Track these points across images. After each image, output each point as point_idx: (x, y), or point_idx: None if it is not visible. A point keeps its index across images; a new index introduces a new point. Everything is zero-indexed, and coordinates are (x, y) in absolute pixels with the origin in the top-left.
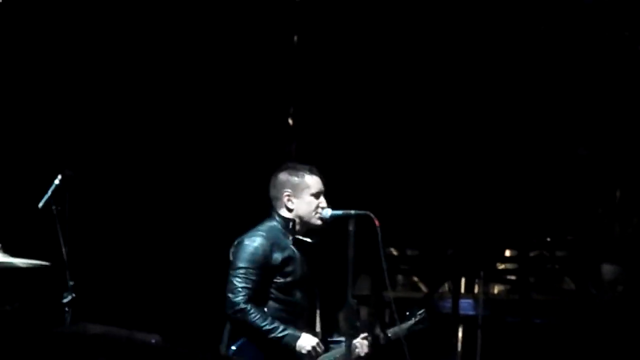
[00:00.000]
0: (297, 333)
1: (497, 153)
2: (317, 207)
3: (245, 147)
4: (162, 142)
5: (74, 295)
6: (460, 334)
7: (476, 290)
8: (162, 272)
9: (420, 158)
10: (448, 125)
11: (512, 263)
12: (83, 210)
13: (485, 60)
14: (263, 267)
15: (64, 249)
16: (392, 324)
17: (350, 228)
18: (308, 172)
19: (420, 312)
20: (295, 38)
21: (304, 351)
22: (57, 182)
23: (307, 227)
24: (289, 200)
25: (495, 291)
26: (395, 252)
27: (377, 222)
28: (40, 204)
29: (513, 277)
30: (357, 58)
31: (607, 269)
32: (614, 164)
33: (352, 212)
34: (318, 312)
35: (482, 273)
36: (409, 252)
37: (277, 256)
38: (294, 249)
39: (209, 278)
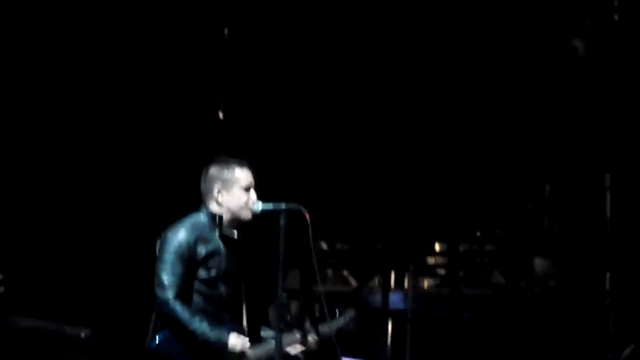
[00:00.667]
0: (224, 335)
1: (427, 147)
2: (247, 201)
3: (176, 141)
4: (93, 134)
5: (2, 289)
6: (390, 328)
7: (406, 284)
8: (92, 265)
9: (349, 152)
10: (377, 118)
11: (442, 257)
12: (11, 203)
13: (412, 51)
14: (187, 261)
15: None
16: (322, 318)
17: (281, 222)
18: (238, 166)
19: (350, 314)
20: (226, 31)
21: (233, 351)
22: None
23: (237, 221)
24: (219, 193)
25: (425, 285)
26: (325, 246)
27: (307, 216)
28: None
29: (443, 271)
30: (285, 51)
31: (539, 264)
32: (543, 158)
33: (283, 205)
34: (244, 306)
35: (411, 267)
36: (338, 246)
37: (201, 250)
38: (220, 242)
39: (139, 271)
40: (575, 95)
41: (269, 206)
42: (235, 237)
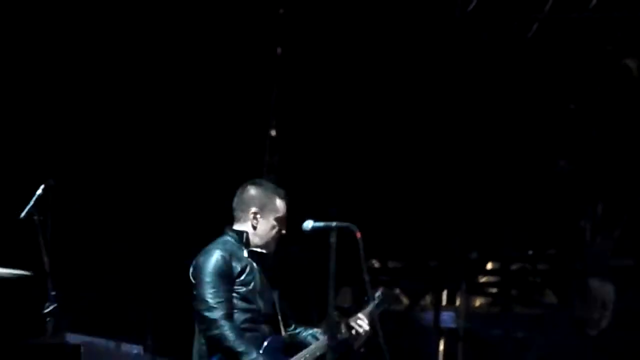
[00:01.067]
0: None
1: (480, 167)
2: (279, 232)
3: (227, 158)
4: (143, 152)
5: (55, 305)
6: (441, 347)
7: (458, 302)
8: (145, 282)
9: (403, 170)
10: (432, 138)
11: (494, 276)
12: (65, 220)
13: (467, 75)
14: (228, 278)
15: (45, 259)
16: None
17: (332, 240)
18: (279, 197)
19: (377, 294)
20: (279, 50)
21: None
22: (39, 192)
23: (261, 246)
24: (254, 218)
25: (477, 304)
26: (377, 264)
27: (358, 234)
28: (23, 214)
29: (495, 290)
30: (339, 70)
31: (605, 289)
32: (595, 176)
33: (334, 224)
34: (280, 317)
35: (463, 285)
36: (390, 264)
37: (236, 266)
38: (250, 259)
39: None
40: (628, 114)
41: (320, 224)
42: (264, 250)
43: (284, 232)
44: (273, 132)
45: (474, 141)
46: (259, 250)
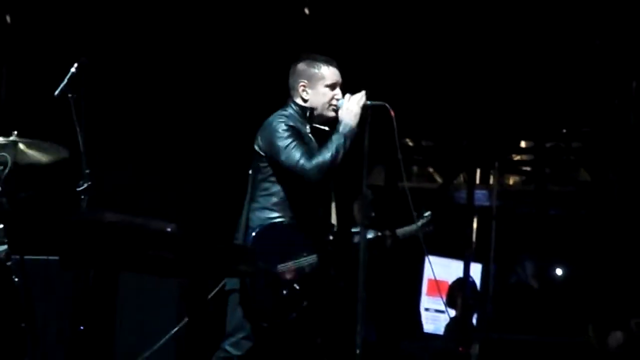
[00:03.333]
0: (346, 128)
1: (513, 43)
2: (332, 98)
3: (259, 41)
4: (176, 34)
5: (90, 183)
6: (475, 225)
7: (491, 181)
8: (178, 161)
9: (435, 49)
10: (463, 15)
11: (528, 154)
12: (99, 99)
13: None
14: (301, 134)
15: (80, 137)
16: (407, 217)
17: (366, 118)
18: (325, 63)
19: (426, 214)
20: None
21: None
22: (73, 70)
23: (321, 118)
24: (304, 90)
25: (511, 182)
26: (410, 143)
27: (392, 113)
28: (57, 92)
29: (528, 168)
30: None
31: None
32: (630, 54)
33: (368, 102)
34: (333, 204)
35: (497, 164)
36: (423, 143)
37: (303, 132)
38: (311, 137)
39: (225, 170)
40: None
41: None
42: (326, 129)
43: (338, 98)
44: (306, 10)
45: (508, 19)
46: (320, 127)
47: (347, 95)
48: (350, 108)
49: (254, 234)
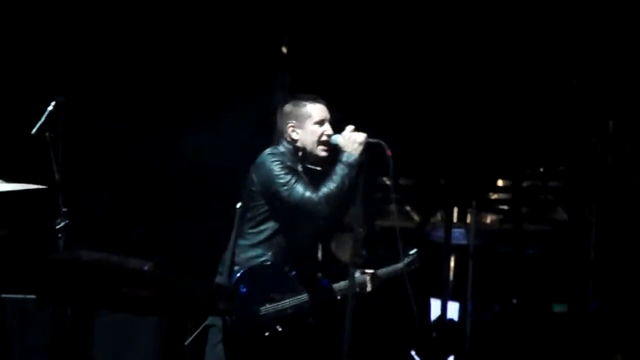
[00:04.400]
0: (348, 154)
1: (491, 84)
2: (322, 134)
3: (239, 76)
4: (153, 69)
5: (67, 221)
6: (452, 263)
7: (468, 219)
8: (156, 200)
9: (413, 88)
10: (442, 56)
11: (505, 193)
12: (76, 137)
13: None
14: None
15: (57, 175)
16: (389, 256)
17: (362, 156)
18: (311, 101)
19: (412, 252)
20: None
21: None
22: (50, 108)
23: (312, 158)
24: (293, 131)
25: (488, 221)
26: (387, 182)
27: (389, 152)
28: (34, 131)
29: (505, 207)
30: None
31: None
32: (607, 94)
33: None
34: (320, 245)
35: (474, 203)
36: (401, 182)
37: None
38: (304, 176)
39: (205, 208)
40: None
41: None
42: (319, 169)
43: (328, 134)
44: (284, 50)
45: (486, 57)
46: (312, 167)
47: (350, 126)
48: (354, 138)
49: (238, 274)
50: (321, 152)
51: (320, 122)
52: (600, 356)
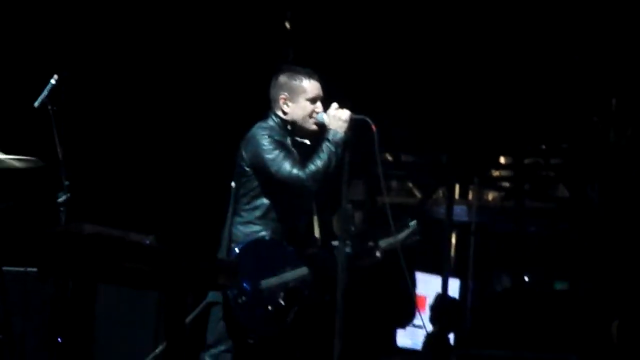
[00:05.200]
0: (334, 131)
1: (493, 59)
2: (312, 112)
3: (242, 51)
4: (157, 44)
5: (69, 195)
6: (453, 240)
7: (470, 196)
8: (158, 175)
9: (416, 63)
10: (443, 29)
11: (507, 170)
12: (79, 111)
13: None
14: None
15: (59, 149)
16: (386, 230)
17: (347, 132)
18: (306, 77)
19: (412, 223)
20: None
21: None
22: (53, 81)
23: (301, 131)
24: (284, 103)
25: (490, 198)
26: (389, 158)
27: (374, 127)
28: (36, 104)
29: (507, 184)
30: None
31: None
32: (610, 71)
33: (351, 115)
34: (315, 217)
35: (476, 179)
36: (403, 158)
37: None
38: (293, 149)
39: (208, 182)
40: None
41: None
42: (308, 142)
43: (318, 112)
44: (287, 25)
45: (489, 33)
46: (301, 140)
47: (334, 104)
48: (338, 115)
49: (237, 249)
50: (311, 127)
51: (313, 100)
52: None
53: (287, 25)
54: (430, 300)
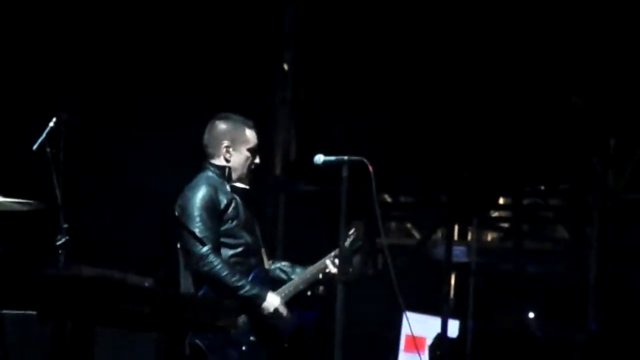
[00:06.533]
0: (263, 293)
1: (492, 101)
2: (252, 163)
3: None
4: (156, 86)
5: (67, 238)
6: (453, 281)
7: (469, 237)
8: (156, 216)
9: (415, 104)
10: (444, 71)
11: (506, 211)
12: (77, 154)
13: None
14: (215, 213)
15: (58, 192)
16: (385, 270)
17: (344, 174)
18: (248, 127)
19: (350, 232)
20: None
21: (267, 311)
22: (51, 124)
23: (240, 178)
24: (227, 152)
25: (489, 239)
26: (388, 199)
27: (371, 168)
28: (35, 147)
29: (506, 225)
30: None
31: None
32: (608, 112)
33: (346, 157)
34: (263, 250)
35: (475, 220)
36: (402, 199)
37: (222, 199)
38: (232, 194)
39: None
40: None
41: (332, 159)
42: (246, 186)
43: (257, 162)
44: (285, 66)
45: (488, 74)
46: (240, 185)
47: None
48: (277, 307)
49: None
50: (250, 178)
51: (253, 150)
52: None
53: (285, 66)
54: (429, 341)
